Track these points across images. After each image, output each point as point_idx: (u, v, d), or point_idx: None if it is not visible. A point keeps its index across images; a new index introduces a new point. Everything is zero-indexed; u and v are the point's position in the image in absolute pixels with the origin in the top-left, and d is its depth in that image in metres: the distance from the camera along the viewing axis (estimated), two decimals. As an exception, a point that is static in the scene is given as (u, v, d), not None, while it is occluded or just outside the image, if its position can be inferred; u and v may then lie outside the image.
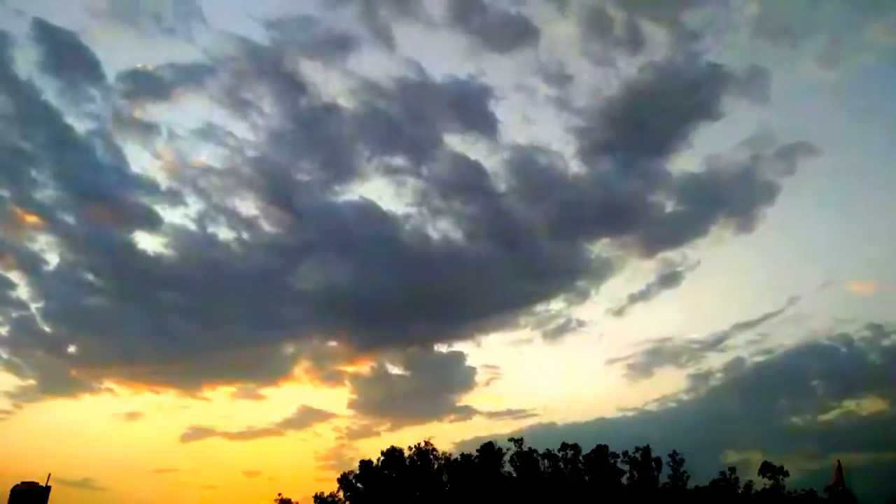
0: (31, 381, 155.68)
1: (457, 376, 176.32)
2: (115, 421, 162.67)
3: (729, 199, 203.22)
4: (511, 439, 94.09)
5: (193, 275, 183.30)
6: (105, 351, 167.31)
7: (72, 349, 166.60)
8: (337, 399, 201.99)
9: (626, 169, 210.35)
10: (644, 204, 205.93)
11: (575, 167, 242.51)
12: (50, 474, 55.02)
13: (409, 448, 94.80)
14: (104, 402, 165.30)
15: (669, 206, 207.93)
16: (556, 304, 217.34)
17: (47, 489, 54.27)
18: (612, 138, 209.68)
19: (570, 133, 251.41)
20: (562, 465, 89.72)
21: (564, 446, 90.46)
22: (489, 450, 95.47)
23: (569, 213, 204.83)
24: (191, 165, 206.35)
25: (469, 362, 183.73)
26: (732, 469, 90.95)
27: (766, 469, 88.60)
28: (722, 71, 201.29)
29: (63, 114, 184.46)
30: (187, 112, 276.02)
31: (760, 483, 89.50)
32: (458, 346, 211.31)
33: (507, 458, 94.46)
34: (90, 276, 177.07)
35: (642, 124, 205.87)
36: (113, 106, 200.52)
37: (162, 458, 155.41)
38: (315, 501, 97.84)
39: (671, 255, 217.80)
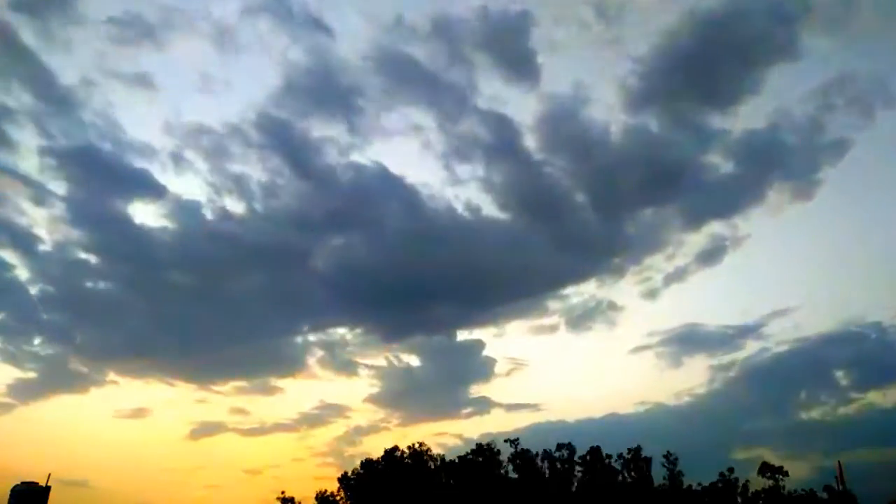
0: (32, 374, 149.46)
1: (476, 367, 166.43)
2: (118, 417, 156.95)
3: (790, 158, 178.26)
4: (507, 440, 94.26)
5: (201, 252, 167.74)
6: (108, 341, 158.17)
7: (73, 339, 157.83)
8: (353, 392, 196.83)
9: (679, 123, 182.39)
10: (696, 166, 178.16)
11: (621, 122, 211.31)
12: (50, 474, 56.45)
13: (403, 450, 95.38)
14: (107, 396, 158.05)
15: (727, 168, 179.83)
16: (588, 287, 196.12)
17: (47, 489, 55.58)
18: (666, 85, 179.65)
19: (618, 79, 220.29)
20: (558, 466, 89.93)
21: (560, 446, 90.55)
22: (487, 450, 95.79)
23: (610, 179, 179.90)
24: (191, 126, 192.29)
25: (490, 352, 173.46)
26: (731, 469, 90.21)
27: (766, 469, 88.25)
28: None
29: (45, 63, 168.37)
30: (182, 60, 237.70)
31: (764, 483, 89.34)
32: (479, 334, 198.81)
33: (506, 457, 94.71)
34: (87, 256, 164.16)
35: (704, 65, 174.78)
36: (100, 54, 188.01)
37: (169, 456, 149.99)
38: (316, 500, 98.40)
39: (719, 227, 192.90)
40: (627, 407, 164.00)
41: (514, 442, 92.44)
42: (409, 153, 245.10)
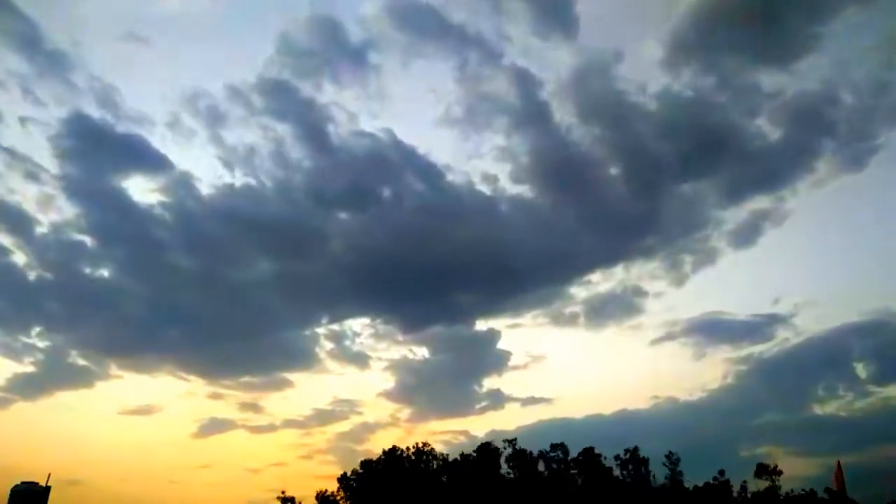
0: (31, 368, 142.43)
1: (492, 360, 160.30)
2: (122, 413, 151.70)
3: (845, 121, 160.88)
4: (505, 440, 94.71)
5: (206, 233, 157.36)
6: (110, 332, 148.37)
7: (73, 329, 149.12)
8: (366, 387, 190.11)
9: (727, 83, 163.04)
10: (742, 132, 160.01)
11: (660, 83, 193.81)
12: (50, 474, 56.58)
13: (406, 449, 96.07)
14: (110, 391, 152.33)
15: (776, 134, 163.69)
16: (615, 272, 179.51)
17: (47, 489, 55.90)
18: (715, 37, 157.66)
19: (661, 31, 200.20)
20: (554, 466, 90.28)
21: (553, 447, 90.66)
22: (486, 450, 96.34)
23: (646, 148, 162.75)
24: (192, 91, 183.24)
25: (508, 344, 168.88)
26: (721, 472, 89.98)
27: (762, 471, 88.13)
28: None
29: (30, 18, 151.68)
30: (179, 13, 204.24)
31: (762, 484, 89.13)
32: (497, 324, 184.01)
33: (504, 458, 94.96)
34: (85, 238, 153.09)
35: (763, 12, 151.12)
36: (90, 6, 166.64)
37: (173, 455, 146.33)
38: (317, 500, 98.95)
39: (762, 202, 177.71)
40: (645, 402, 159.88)
41: (511, 442, 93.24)
42: (427, 119, 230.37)
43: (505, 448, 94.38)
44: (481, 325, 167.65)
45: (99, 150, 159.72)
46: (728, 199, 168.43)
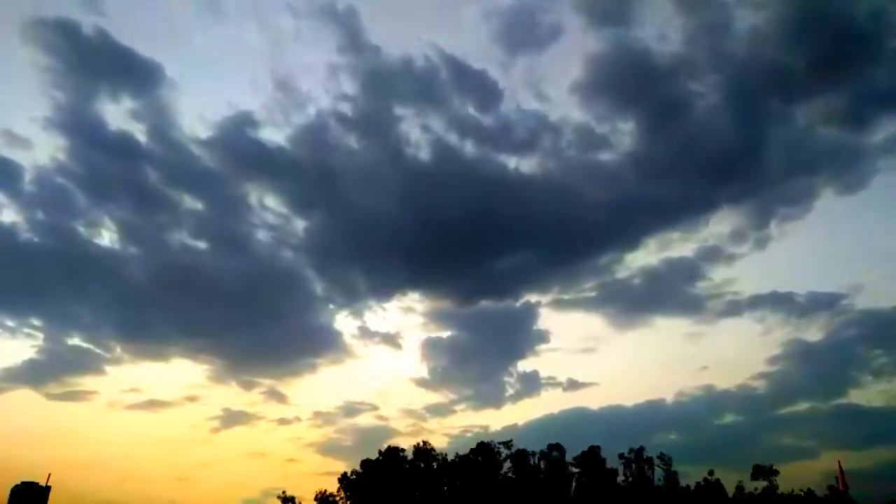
0: (33, 357, 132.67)
1: (529, 342, 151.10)
2: (128, 404, 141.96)
3: None
4: (501, 442, 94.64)
5: (222, 180, 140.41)
6: (114, 308, 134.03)
7: (74, 310, 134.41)
8: (396, 373, 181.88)
9: None
10: (882, 25, 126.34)
11: None
12: (50, 474, 57.56)
13: (413, 447, 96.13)
14: (114, 381, 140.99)
15: None
16: (697, 225, 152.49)
17: (47, 489, 56.98)
18: None
19: None
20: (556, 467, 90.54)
21: (551, 447, 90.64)
22: (486, 450, 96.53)
23: (749, 55, 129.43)
24: None
25: (548, 325, 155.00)
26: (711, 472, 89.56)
27: (758, 472, 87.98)
28: None
29: None
30: None
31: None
32: (542, 298, 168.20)
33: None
34: (73, 187, 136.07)
35: None
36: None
37: (181, 451, 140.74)
38: (316, 500, 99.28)
39: (891, 125, 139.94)
40: (672, 391, 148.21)
41: (507, 444, 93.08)
42: (467, 15, 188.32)
43: (501, 450, 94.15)
44: (528, 298, 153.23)
45: (92, 67, 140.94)
46: (849, 122, 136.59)
